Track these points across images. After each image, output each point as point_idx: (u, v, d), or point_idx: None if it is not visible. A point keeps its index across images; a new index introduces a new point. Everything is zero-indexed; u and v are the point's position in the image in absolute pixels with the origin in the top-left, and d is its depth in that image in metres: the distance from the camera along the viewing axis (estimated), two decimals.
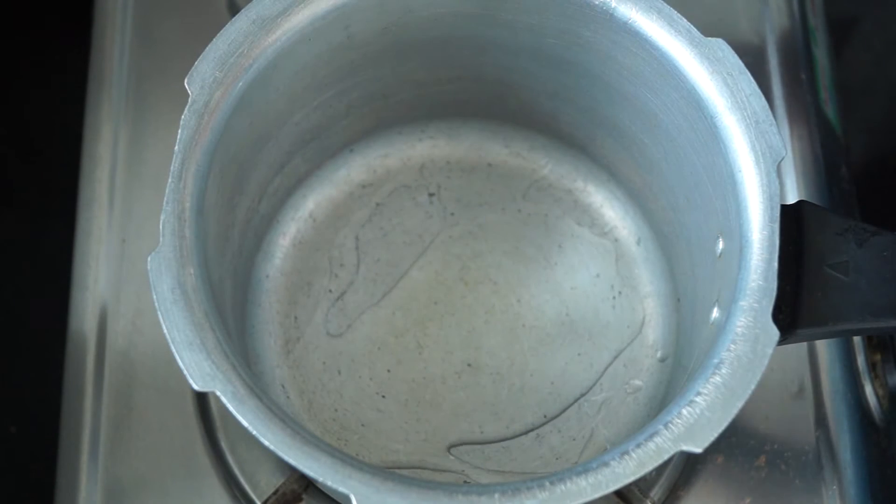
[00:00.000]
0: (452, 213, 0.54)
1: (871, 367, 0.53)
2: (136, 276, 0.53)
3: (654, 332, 0.52)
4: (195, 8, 0.58)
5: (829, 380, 0.52)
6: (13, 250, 0.71)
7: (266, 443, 0.36)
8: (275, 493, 0.49)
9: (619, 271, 0.53)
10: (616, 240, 0.54)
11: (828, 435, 0.51)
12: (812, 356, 0.52)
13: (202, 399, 0.51)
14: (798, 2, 0.60)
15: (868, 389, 0.53)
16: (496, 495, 0.36)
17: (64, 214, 0.56)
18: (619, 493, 0.50)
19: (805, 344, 0.53)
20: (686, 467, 0.51)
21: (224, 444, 0.50)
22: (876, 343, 0.54)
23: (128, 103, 0.56)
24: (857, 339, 0.54)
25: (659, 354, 0.52)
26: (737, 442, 0.51)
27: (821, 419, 0.51)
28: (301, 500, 0.50)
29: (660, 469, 0.49)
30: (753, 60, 0.58)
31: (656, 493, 0.50)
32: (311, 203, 0.54)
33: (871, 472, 0.52)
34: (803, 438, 0.51)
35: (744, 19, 0.59)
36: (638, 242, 0.54)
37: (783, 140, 0.41)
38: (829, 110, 0.60)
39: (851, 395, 0.52)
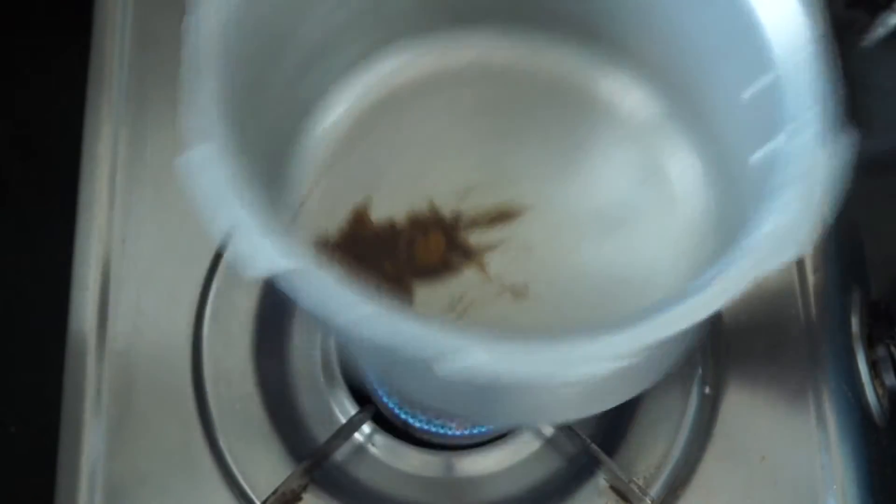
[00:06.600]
0: (474, 117, 0.53)
1: (872, 366, 0.53)
2: (136, 276, 0.54)
3: (691, 206, 0.52)
4: None
5: (829, 380, 0.53)
6: (13, 250, 0.70)
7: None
8: (274, 492, 0.49)
9: (646, 152, 0.53)
10: (639, 121, 0.53)
11: (828, 435, 0.51)
12: (812, 356, 0.53)
13: (202, 399, 0.51)
14: None
15: (868, 389, 0.53)
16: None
17: (64, 214, 0.56)
18: (619, 492, 0.50)
19: (805, 346, 0.53)
20: (686, 467, 0.51)
21: (224, 444, 0.50)
22: (876, 343, 0.54)
23: (128, 103, 0.57)
24: (856, 339, 0.54)
25: (699, 226, 0.51)
26: (737, 441, 0.51)
27: (821, 419, 0.52)
28: (300, 499, 0.50)
29: (660, 466, 0.50)
30: None
31: (656, 491, 0.50)
32: (333, 116, 0.52)
33: (871, 472, 0.52)
34: (803, 438, 0.51)
35: None
36: (661, 118, 0.53)
37: None
38: None
39: (851, 395, 0.53)
